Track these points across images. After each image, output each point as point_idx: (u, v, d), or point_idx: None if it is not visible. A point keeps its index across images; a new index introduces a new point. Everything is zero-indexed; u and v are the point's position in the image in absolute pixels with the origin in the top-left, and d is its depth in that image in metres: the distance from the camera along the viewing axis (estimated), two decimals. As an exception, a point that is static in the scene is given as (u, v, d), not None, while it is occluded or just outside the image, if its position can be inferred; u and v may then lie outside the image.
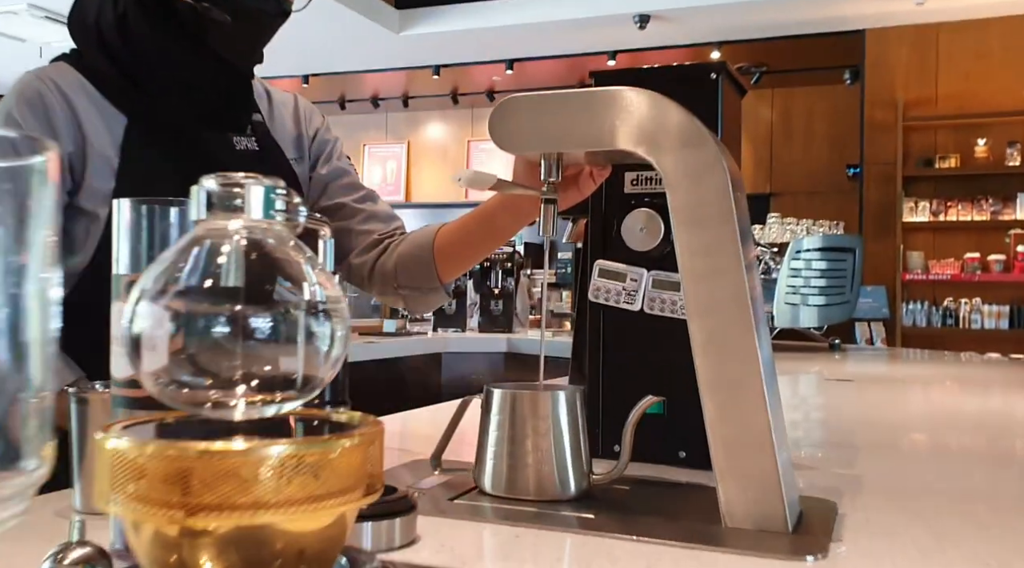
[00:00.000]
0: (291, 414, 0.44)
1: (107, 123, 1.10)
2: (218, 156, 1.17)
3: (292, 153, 1.28)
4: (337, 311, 0.42)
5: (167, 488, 0.38)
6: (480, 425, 0.92)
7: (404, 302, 1.31)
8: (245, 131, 1.21)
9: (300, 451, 0.38)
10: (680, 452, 1.09)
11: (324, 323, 0.42)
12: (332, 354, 0.42)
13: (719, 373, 0.81)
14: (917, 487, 1.02)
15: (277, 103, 1.31)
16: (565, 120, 0.87)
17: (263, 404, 0.41)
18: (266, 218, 0.42)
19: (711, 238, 0.81)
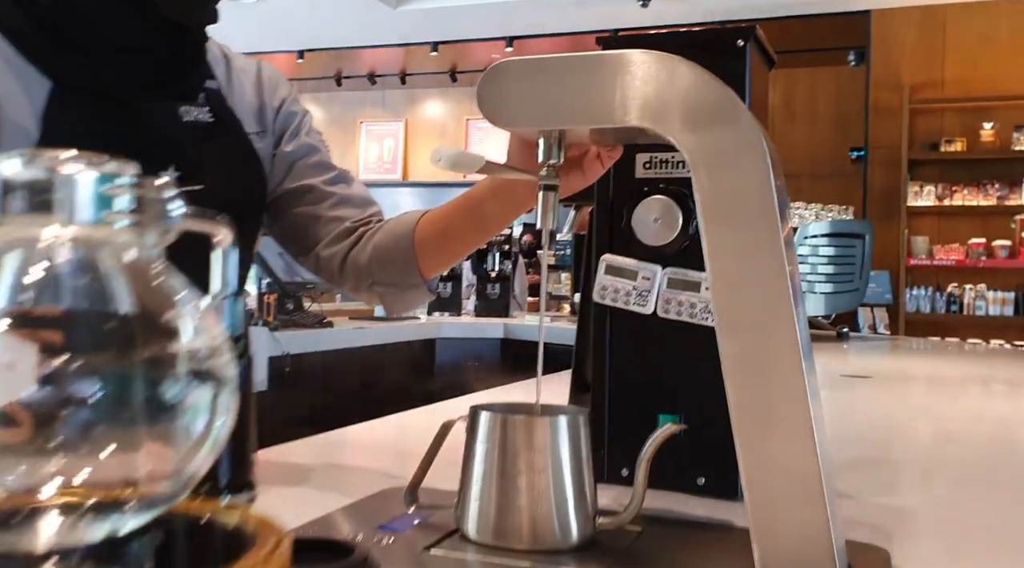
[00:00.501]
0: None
1: (25, 88, 0.94)
2: (160, 128, 1.01)
3: (253, 126, 1.11)
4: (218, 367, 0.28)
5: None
6: (464, 455, 0.77)
7: (380, 300, 1.14)
8: (196, 100, 1.05)
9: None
10: (699, 478, 0.95)
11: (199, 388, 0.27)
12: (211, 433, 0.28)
13: (756, 404, 0.66)
14: (978, 528, 0.87)
15: (237, 70, 1.13)
16: (568, 89, 0.71)
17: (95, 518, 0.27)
18: (98, 223, 0.27)
19: (748, 237, 0.66)
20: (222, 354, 0.29)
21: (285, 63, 8.41)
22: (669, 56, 0.68)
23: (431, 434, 0.80)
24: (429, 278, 1.10)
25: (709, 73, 0.67)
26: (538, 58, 0.72)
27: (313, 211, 1.13)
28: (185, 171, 1.01)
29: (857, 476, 1.07)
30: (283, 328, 3.04)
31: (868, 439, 1.33)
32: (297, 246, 1.16)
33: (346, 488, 0.92)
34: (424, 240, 1.08)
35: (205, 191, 1.05)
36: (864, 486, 1.02)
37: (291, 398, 2.94)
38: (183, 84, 1.04)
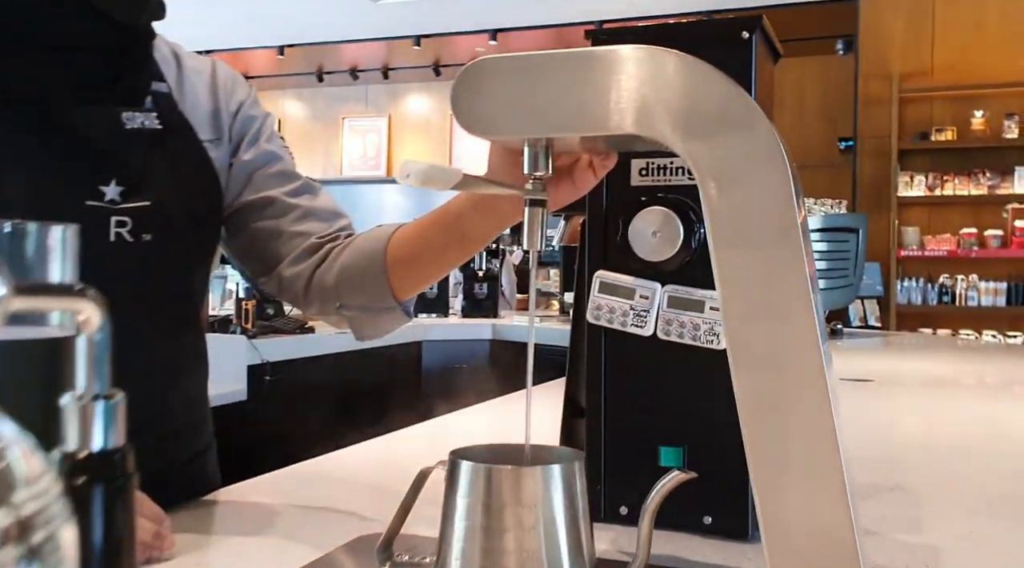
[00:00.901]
0: None
1: None
2: (99, 137, 0.90)
3: (207, 133, 1.01)
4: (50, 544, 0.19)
5: None
6: (443, 508, 0.67)
7: (349, 325, 1.04)
8: (142, 105, 0.94)
9: None
10: (705, 517, 0.86)
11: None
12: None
13: (778, 451, 0.57)
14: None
15: (189, 71, 1.03)
16: (556, 92, 0.62)
17: None
18: None
19: (766, 263, 0.57)
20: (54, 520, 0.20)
21: (266, 59, 8.29)
22: (670, 51, 0.59)
23: (413, 464, 0.72)
24: (403, 300, 1.00)
25: (717, 71, 0.58)
26: (521, 55, 0.63)
27: (274, 226, 1.03)
28: (129, 184, 0.92)
29: (877, 507, 0.98)
30: (262, 335, 2.95)
31: (882, 459, 1.25)
32: (257, 265, 1.06)
33: (315, 536, 0.83)
34: (397, 258, 0.98)
35: (153, 207, 0.96)
36: (886, 519, 0.94)
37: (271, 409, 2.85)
38: (125, 87, 0.93)
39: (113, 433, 0.34)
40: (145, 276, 0.95)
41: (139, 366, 0.96)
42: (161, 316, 0.98)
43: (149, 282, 0.95)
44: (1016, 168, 6.10)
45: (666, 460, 0.86)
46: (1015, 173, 6.12)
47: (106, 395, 0.34)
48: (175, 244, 0.96)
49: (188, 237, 0.98)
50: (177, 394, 1.02)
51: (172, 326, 1.01)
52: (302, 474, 1.13)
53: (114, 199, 0.91)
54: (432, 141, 8.82)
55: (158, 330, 0.97)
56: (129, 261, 0.93)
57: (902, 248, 6.30)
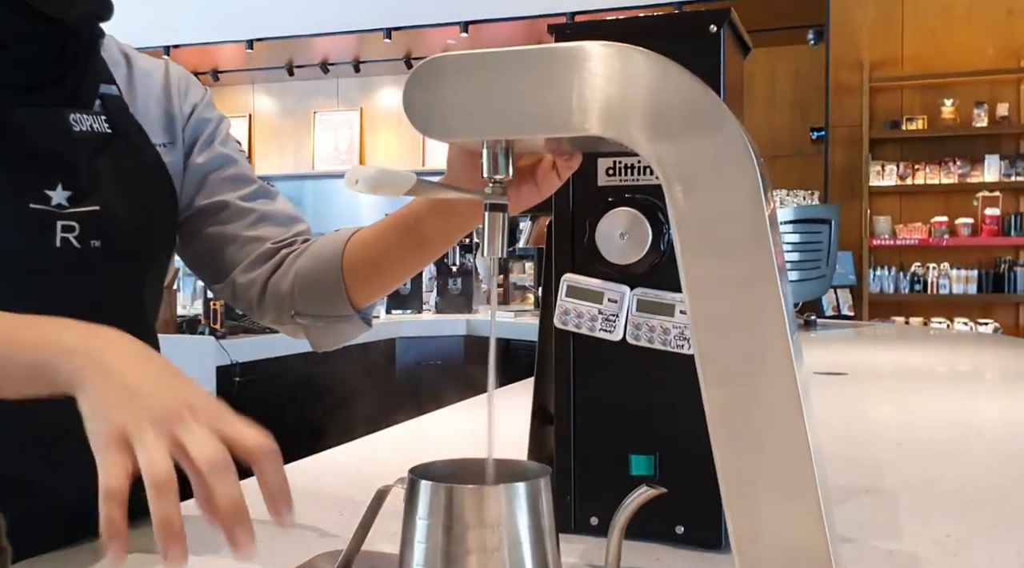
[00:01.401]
0: None
1: None
2: (44, 140, 0.86)
3: (160, 137, 0.97)
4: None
5: None
6: (403, 530, 0.64)
7: (305, 334, 1.00)
8: (90, 107, 0.90)
9: None
10: (677, 526, 0.84)
11: None
12: None
13: (750, 466, 0.55)
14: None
15: (140, 72, 0.98)
16: (515, 91, 0.59)
17: None
18: None
19: (735, 269, 0.54)
20: None
21: (234, 53, 8.20)
22: (635, 49, 0.56)
23: (378, 474, 0.69)
24: (361, 307, 0.96)
25: (684, 69, 0.56)
26: (477, 53, 0.60)
27: (229, 231, 0.99)
28: (77, 190, 0.88)
29: (853, 511, 0.96)
30: (231, 335, 2.90)
31: (857, 459, 1.23)
32: (211, 271, 1.01)
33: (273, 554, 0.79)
34: (354, 264, 0.94)
35: (102, 212, 0.92)
36: (863, 525, 0.92)
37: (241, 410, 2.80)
38: (70, 89, 0.89)
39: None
40: (94, 283, 0.91)
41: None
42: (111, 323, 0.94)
43: (98, 289, 0.91)
44: (986, 156, 6.15)
45: (637, 469, 0.84)
46: (985, 161, 6.16)
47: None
48: (126, 251, 0.92)
49: (140, 243, 0.94)
50: None
51: None
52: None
53: (61, 204, 0.87)
54: (404, 135, 8.76)
55: None
56: (76, 267, 0.89)
57: (874, 237, 6.33)
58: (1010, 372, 2.45)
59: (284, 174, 8.84)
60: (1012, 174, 6.09)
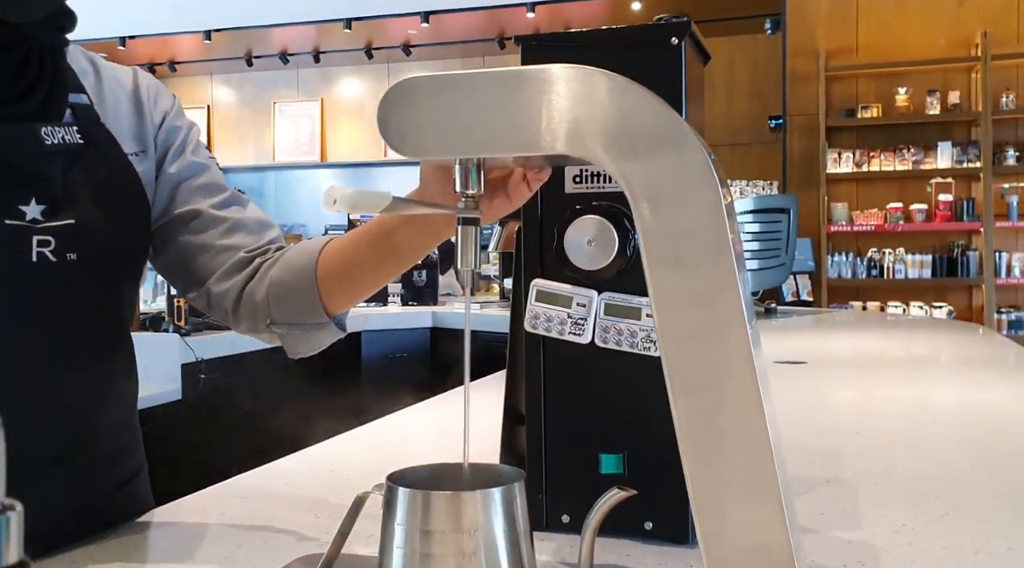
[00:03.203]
0: None
1: None
2: (16, 155, 0.86)
3: (131, 146, 0.97)
4: None
5: None
6: (381, 536, 0.67)
7: (281, 342, 1.02)
8: (61, 118, 0.91)
9: None
10: (646, 523, 0.87)
11: None
12: None
13: (716, 472, 0.57)
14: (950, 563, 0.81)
15: (109, 81, 0.99)
16: (486, 112, 0.61)
17: None
18: None
19: (700, 283, 0.57)
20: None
21: (192, 44, 8.10)
22: (602, 72, 0.59)
23: (352, 474, 0.70)
24: (335, 314, 0.98)
25: (648, 91, 0.58)
26: (449, 75, 0.62)
27: (202, 240, 1.00)
28: (51, 203, 0.88)
29: (814, 502, 1.00)
30: (196, 332, 2.89)
31: (817, 449, 1.27)
32: (186, 280, 1.02)
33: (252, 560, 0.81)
34: (328, 273, 0.95)
35: (77, 225, 0.92)
36: (823, 516, 0.95)
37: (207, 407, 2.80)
38: (39, 101, 0.89)
39: (5, 550, 0.32)
40: (71, 296, 0.91)
41: (65, 388, 0.93)
42: (89, 336, 0.95)
43: (75, 302, 0.92)
44: (939, 143, 6.26)
45: (607, 467, 0.87)
46: (938, 148, 6.27)
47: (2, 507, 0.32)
48: (102, 262, 0.93)
49: (115, 254, 0.95)
50: (107, 417, 0.99)
51: (101, 346, 0.98)
52: (237, 489, 1.11)
53: (36, 218, 0.88)
54: (366, 125, 8.72)
55: (86, 350, 0.94)
56: (53, 281, 0.89)
57: (831, 224, 6.43)
58: (963, 357, 2.52)
59: (245, 166, 8.77)
60: (964, 160, 6.21)
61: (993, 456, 1.29)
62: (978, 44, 6.06)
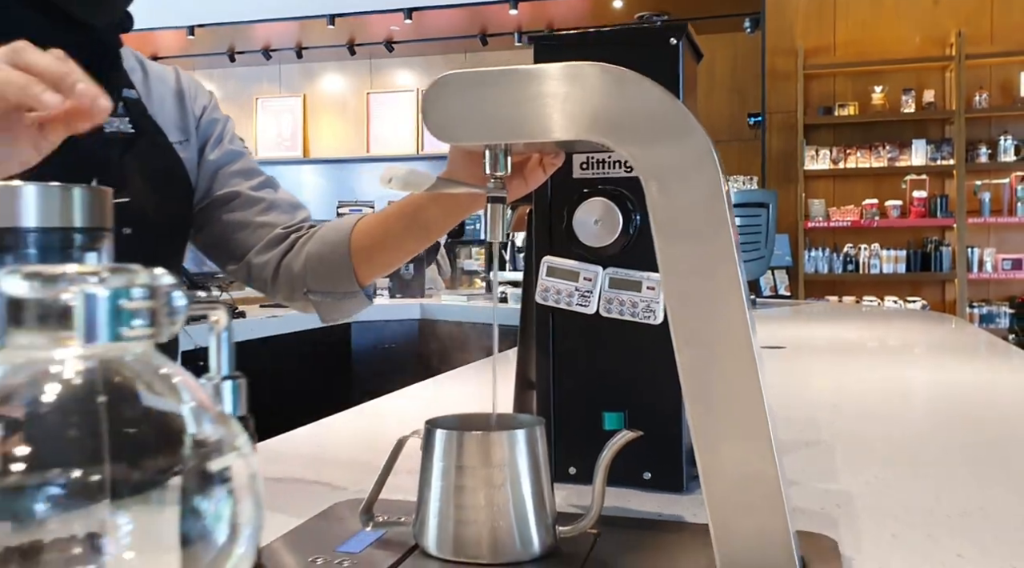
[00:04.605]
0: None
1: None
2: (79, 140, 0.95)
3: (176, 136, 1.07)
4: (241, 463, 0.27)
5: None
6: (421, 472, 0.76)
7: (316, 309, 1.11)
8: (115, 110, 1.00)
9: None
10: (645, 473, 0.96)
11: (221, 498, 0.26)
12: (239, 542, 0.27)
13: (714, 412, 0.67)
14: (916, 510, 0.91)
15: (154, 78, 1.09)
16: (511, 105, 0.70)
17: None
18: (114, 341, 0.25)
19: (702, 253, 0.67)
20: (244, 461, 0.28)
21: (175, 40, 8.12)
22: (615, 67, 0.68)
23: (361, 439, 0.78)
24: (365, 284, 1.08)
25: (658, 85, 0.67)
26: (481, 71, 0.71)
27: (242, 217, 1.10)
28: (111, 184, 0.96)
29: (797, 460, 1.10)
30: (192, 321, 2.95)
31: (798, 418, 1.37)
32: (226, 254, 1.12)
33: (291, 507, 0.90)
34: (360, 247, 1.05)
35: (132, 203, 1.01)
36: (804, 471, 1.05)
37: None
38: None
39: (239, 405, 0.41)
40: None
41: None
42: None
43: None
44: (913, 141, 6.41)
45: (610, 424, 0.96)
46: (912, 146, 6.42)
47: (233, 376, 0.42)
48: (153, 236, 1.02)
49: (164, 230, 1.04)
50: None
51: None
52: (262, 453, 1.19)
53: None
54: (348, 121, 8.77)
55: None
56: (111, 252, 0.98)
57: (809, 219, 6.57)
58: (936, 343, 2.64)
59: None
60: (938, 158, 6.36)
61: (956, 423, 1.40)
62: (952, 44, 6.21)
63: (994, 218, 6.30)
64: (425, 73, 8.39)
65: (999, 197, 6.34)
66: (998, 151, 6.28)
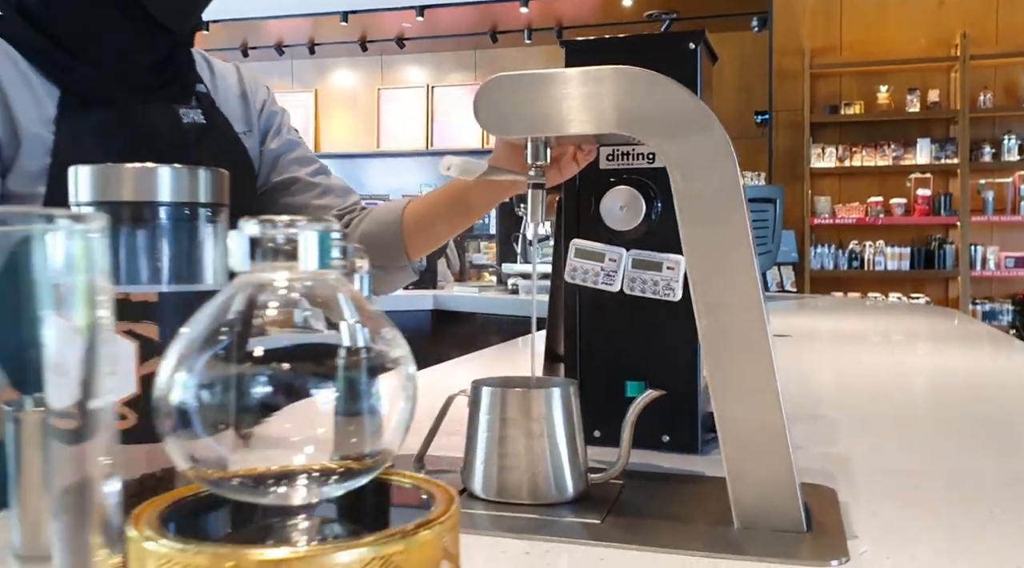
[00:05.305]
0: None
1: (36, 97, 0.99)
2: (162, 131, 1.06)
3: (240, 126, 1.18)
4: (408, 371, 0.37)
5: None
6: (468, 425, 0.86)
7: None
8: (190, 102, 1.11)
9: (387, 550, 0.33)
10: (664, 436, 1.07)
11: (391, 383, 0.36)
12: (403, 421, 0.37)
13: (733, 376, 0.77)
14: (908, 469, 1.01)
15: (219, 73, 1.20)
16: (553, 102, 0.81)
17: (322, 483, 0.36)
18: (322, 268, 0.35)
19: (721, 233, 0.77)
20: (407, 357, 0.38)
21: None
22: (646, 71, 0.78)
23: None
24: (413, 260, 1.19)
25: (682, 86, 0.78)
26: (528, 73, 0.81)
27: (300, 200, 1.21)
28: None
29: (801, 430, 1.20)
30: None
31: (803, 395, 1.48)
32: None
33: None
34: (410, 226, 1.17)
35: None
36: (807, 437, 1.16)
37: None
38: (177, 87, 1.09)
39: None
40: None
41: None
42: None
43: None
44: (918, 140, 6.50)
45: (631, 391, 1.06)
46: (917, 145, 6.51)
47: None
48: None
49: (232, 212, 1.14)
50: None
51: None
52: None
53: None
54: (360, 117, 8.86)
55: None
56: None
57: (815, 216, 6.66)
58: (938, 334, 2.73)
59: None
60: (942, 157, 6.45)
61: (953, 400, 1.50)
62: (957, 45, 6.29)
63: (997, 217, 6.39)
64: (435, 70, 8.50)
65: (1002, 196, 6.43)
66: (1002, 151, 6.37)
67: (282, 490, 0.35)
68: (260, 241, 0.35)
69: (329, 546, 0.32)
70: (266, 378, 0.34)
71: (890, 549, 0.74)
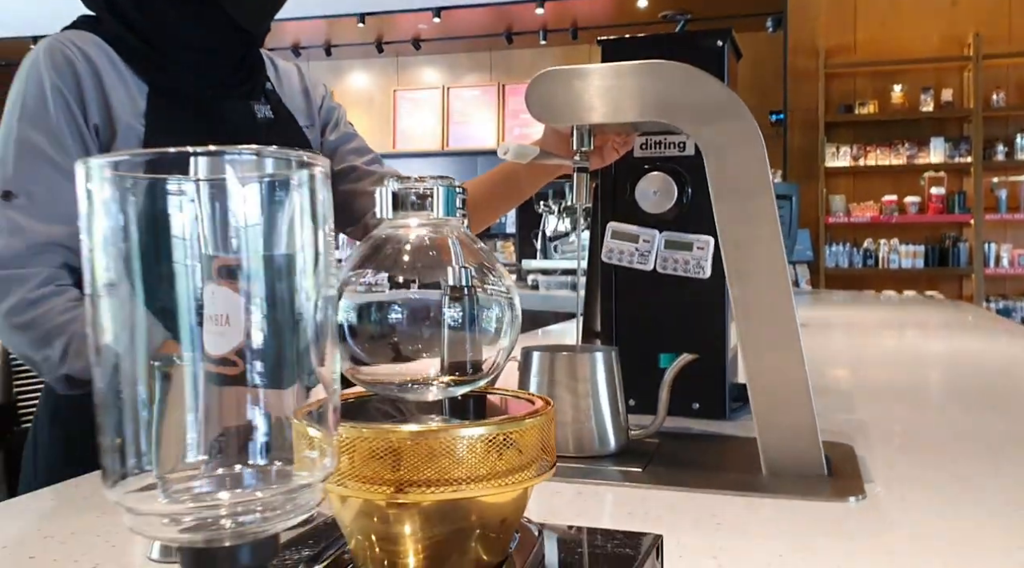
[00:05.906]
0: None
1: (129, 92, 1.09)
2: (239, 125, 1.17)
3: (304, 120, 1.29)
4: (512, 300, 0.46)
5: (378, 465, 0.42)
6: (519, 385, 0.96)
7: None
8: (260, 99, 1.21)
9: (506, 430, 0.42)
10: (694, 404, 1.16)
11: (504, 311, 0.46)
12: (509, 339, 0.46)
13: (760, 335, 0.86)
14: (921, 431, 1.10)
15: (283, 72, 1.31)
16: (598, 93, 0.90)
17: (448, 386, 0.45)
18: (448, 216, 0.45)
19: (750, 209, 0.86)
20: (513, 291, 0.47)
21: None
22: (684, 65, 0.87)
23: None
24: None
25: (716, 79, 0.87)
26: (575, 67, 0.91)
27: (358, 187, 1.31)
28: None
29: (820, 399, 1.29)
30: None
31: (821, 373, 1.56)
32: (345, 219, 1.33)
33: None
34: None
35: None
36: (827, 405, 1.24)
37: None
38: (251, 85, 1.19)
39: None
40: None
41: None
42: None
43: None
44: (932, 139, 6.54)
45: (664, 363, 1.15)
46: (931, 143, 6.55)
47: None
48: None
49: None
50: None
51: None
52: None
53: None
54: (375, 117, 8.96)
55: None
56: None
57: (830, 215, 6.71)
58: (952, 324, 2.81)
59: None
60: (956, 155, 6.50)
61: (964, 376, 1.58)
62: (970, 44, 6.35)
63: (1011, 215, 6.44)
64: (450, 71, 8.59)
65: (1016, 194, 6.48)
66: (1015, 149, 6.42)
67: (419, 390, 0.45)
68: (400, 195, 0.45)
69: (468, 422, 0.42)
70: (406, 302, 0.43)
71: (904, 491, 0.83)
